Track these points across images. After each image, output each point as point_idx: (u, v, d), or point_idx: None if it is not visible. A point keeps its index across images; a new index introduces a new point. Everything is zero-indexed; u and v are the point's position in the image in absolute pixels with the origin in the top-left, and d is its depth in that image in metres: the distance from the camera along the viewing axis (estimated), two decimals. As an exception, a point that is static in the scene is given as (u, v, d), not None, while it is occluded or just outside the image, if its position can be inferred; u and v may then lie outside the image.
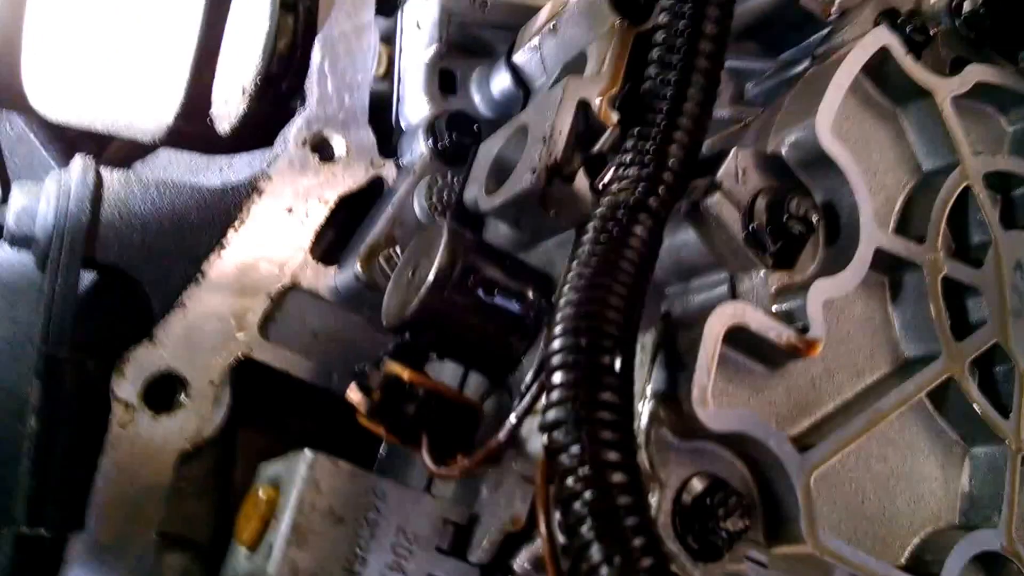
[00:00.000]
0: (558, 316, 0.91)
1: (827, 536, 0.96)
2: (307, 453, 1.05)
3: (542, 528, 0.87)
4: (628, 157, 1.05)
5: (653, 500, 0.92)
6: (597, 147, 1.16)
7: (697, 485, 0.95)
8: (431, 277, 1.14)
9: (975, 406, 1.12)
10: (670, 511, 0.93)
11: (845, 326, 1.10)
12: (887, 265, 1.12)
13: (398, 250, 1.44)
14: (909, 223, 1.16)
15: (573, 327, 0.89)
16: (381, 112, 1.60)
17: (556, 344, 0.89)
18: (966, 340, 1.13)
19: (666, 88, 1.06)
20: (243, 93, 1.50)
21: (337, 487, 1.04)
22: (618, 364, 0.88)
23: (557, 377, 0.86)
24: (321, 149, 1.50)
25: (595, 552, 0.78)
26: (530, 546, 1.06)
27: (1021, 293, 1.20)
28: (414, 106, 1.58)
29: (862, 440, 1.05)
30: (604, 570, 0.77)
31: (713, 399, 0.94)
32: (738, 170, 1.05)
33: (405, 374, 1.08)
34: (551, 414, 0.84)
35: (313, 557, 1.01)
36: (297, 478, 1.03)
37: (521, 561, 1.07)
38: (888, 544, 1.07)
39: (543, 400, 0.88)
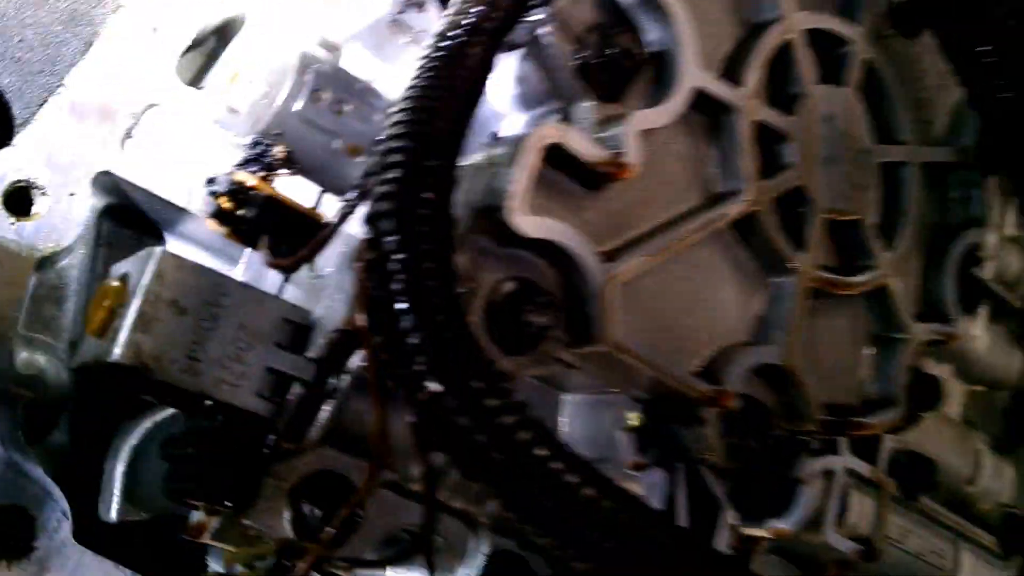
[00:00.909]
0: (393, 120, 0.98)
1: (625, 338, 1.08)
2: (155, 249, 1.11)
3: (358, 312, 0.96)
4: None
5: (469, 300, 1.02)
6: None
7: (509, 286, 1.04)
8: (282, 96, 1.19)
9: (773, 240, 1.24)
10: (483, 308, 1.03)
11: (665, 159, 1.21)
12: (707, 107, 1.22)
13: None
14: (733, 70, 1.26)
15: (403, 132, 0.96)
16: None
17: (387, 145, 0.96)
18: (771, 179, 1.25)
19: None
20: (110, -91, 1.50)
21: (182, 281, 1.11)
22: (443, 168, 0.96)
23: (385, 175, 0.94)
24: (189, -29, 1.52)
25: (406, 321, 0.87)
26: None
27: (828, 143, 1.32)
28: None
29: (669, 262, 1.17)
30: (413, 339, 0.87)
31: (532, 211, 1.03)
32: (570, 6, 1.12)
33: (250, 181, 1.14)
34: (376, 206, 0.92)
35: (156, 342, 1.08)
36: (144, 272, 1.10)
37: (355, 359, 1.16)
38: (684, 354, 1.20)
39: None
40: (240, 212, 1.15)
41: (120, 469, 1.31)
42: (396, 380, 0.91)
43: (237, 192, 1.14)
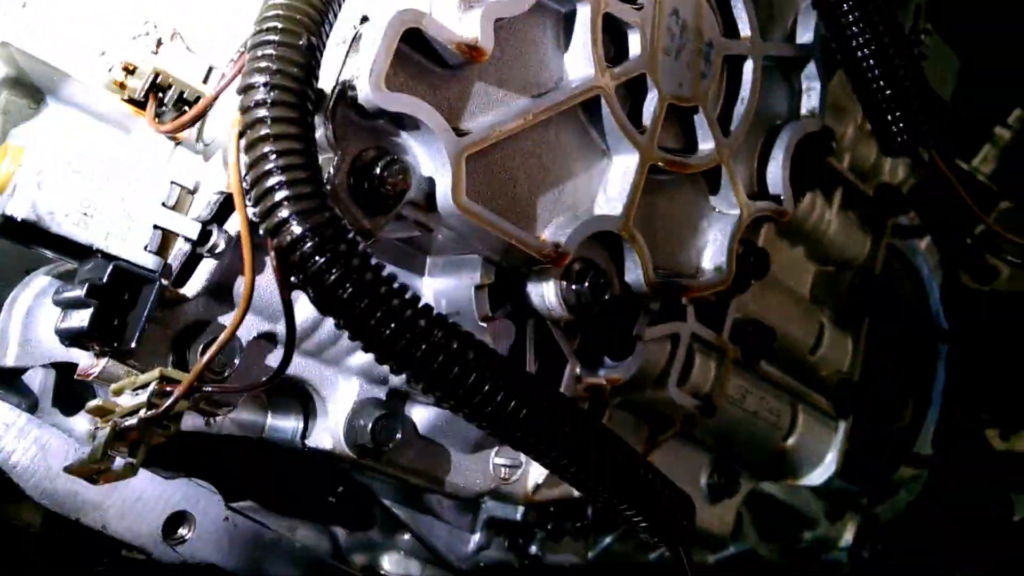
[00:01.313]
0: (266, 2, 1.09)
1: (473, 204, 1.22)
2: (52, 115, 1.22)
3: (231, 172, 1.08)
4: None
5: (333, 166, 1.15)
6: None
7: (370, 154, 1.18)
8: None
9: (617, 121, 1.38)
10: (347, 172, 1.16)
11: (520, 45, 1.33)
12: (559, -1, 1.35)
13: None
14: (585, -34, 1.38)
15: (274, 14, 1.07)
16: None
17: (259, 26, 1.07)
18: (618, 66, 1.39)
19: None
20: None
21: (77, 141, 1.22)
22: (310, 47, 1.07)
23: (257, 52, 1.05)
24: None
25: (272, 179, 1.00)
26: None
27: (674, 36, 1.46)
28: None
29: (521, 139, 1.31)
30: (278, 194, 1.00)
31: (391, 88, 1.16)
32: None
33: (140, 56, 1.24)
34: (246, 80, 1.04)
35: (51, 198, 1.19)
36: (42, 134, 1.21)
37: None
38: (530, 220, 1.35)
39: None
40: (131, 84, 1.24)
41: (18, 319, 1.41)
42: (264, 232, 1.03)
43: (127, 66, 1.24)
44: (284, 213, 0.99)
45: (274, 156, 1.00)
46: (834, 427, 2.22)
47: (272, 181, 1.00)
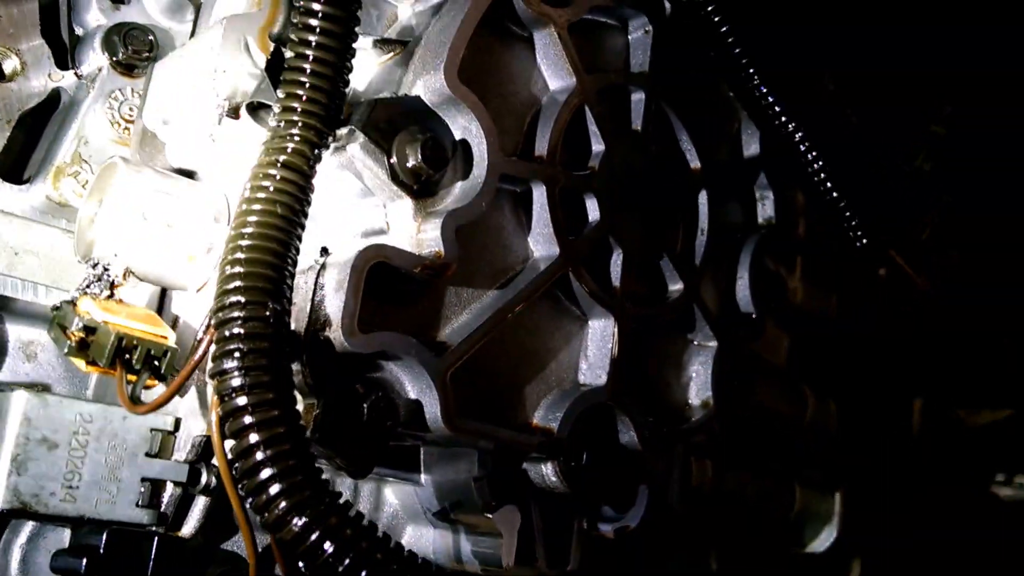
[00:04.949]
0: (225, 270, 1.06)
1: (463, 420, 1.21)
2: (19, 393, 1.19)
3: (222, 464, 1.06)
4: (282, 101, 1.16)
5: (313, 416, 1.12)
6: (252, 95, 1.28)
7: (352, 395, 1.15)
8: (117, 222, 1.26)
9: (588, 291, 1.37)
10: (327, 420, 1.13)
11: (480, 238, 1.31)
12: (516, 182, 1.33)
13: (86, 166, 1.51)
14: (534, 142, 1.37)
15: (235, 287, 1.04)
16: (54, 21, 1.60)
17: (221, 302, 1.04)
18: (581, 237, 1.38)
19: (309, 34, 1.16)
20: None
21: (48, 417, 1.19)
22: (276, 310, 1.05)
23: (222, 332, 1.02)
24: (-7, 70, 1.52)
25: (269, 484, 0.98)
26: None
27: (628, 189, 1.46)
28: (87, 13, 1.60)
29: (494, 332, 1.29)
30: (274, 491, 0.98)
31: (363, 327, 1.13)
32: (379, 117, 1.21)
33: (98, 316, 1.21)
34: (218, 365, 1.01)
35: (34, 480, 1.17)
36: (10, 416, 1.17)
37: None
38: (519, 409, 1.34)
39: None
40: (91, 341, 1.20)
41: (15, 565, 1.37)
42: (265, 528, 1.01)
43: (87, 326, 1.20)
44: (282, 508, 0.98)
45: (262, 451, 0.98)
46: (830, 496, 2.23)
47: (266, 478, 0.98)
